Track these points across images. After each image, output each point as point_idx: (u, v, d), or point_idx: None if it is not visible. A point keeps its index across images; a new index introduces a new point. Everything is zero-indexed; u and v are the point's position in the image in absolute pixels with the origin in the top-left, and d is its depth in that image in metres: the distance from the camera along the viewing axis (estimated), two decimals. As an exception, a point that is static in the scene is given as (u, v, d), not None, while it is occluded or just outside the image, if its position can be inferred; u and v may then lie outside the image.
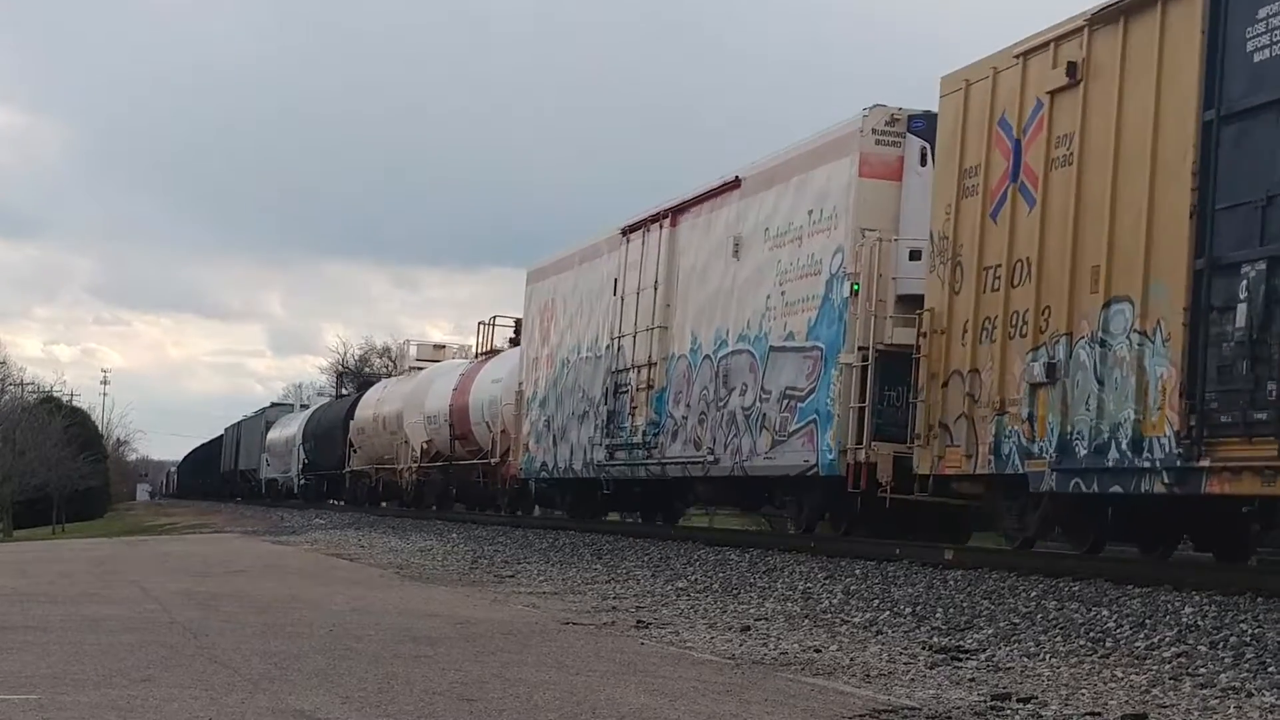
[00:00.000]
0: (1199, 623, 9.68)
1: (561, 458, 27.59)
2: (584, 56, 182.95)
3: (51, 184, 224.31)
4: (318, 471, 57.37)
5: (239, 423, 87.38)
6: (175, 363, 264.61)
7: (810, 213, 18.83)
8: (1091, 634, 9.60)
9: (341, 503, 53.51)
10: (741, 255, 20.68)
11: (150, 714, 6.24)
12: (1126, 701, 7.17)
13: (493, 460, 34.05)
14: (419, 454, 40.78)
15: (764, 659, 8.79)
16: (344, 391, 76.55)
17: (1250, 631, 9.14)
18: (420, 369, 46.31)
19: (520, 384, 30.99)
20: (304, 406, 71.11)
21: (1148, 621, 9.86)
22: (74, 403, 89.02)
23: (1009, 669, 8.33)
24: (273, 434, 69.19)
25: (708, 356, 21.58)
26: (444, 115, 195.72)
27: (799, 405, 18.63)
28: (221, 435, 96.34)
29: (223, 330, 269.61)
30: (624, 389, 24.53)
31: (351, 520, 36.92)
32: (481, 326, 40.94)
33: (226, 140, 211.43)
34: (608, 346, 25.44)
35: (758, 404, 19.77)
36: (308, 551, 22.47)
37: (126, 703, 6.47)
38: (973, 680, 7.90)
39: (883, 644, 9.57)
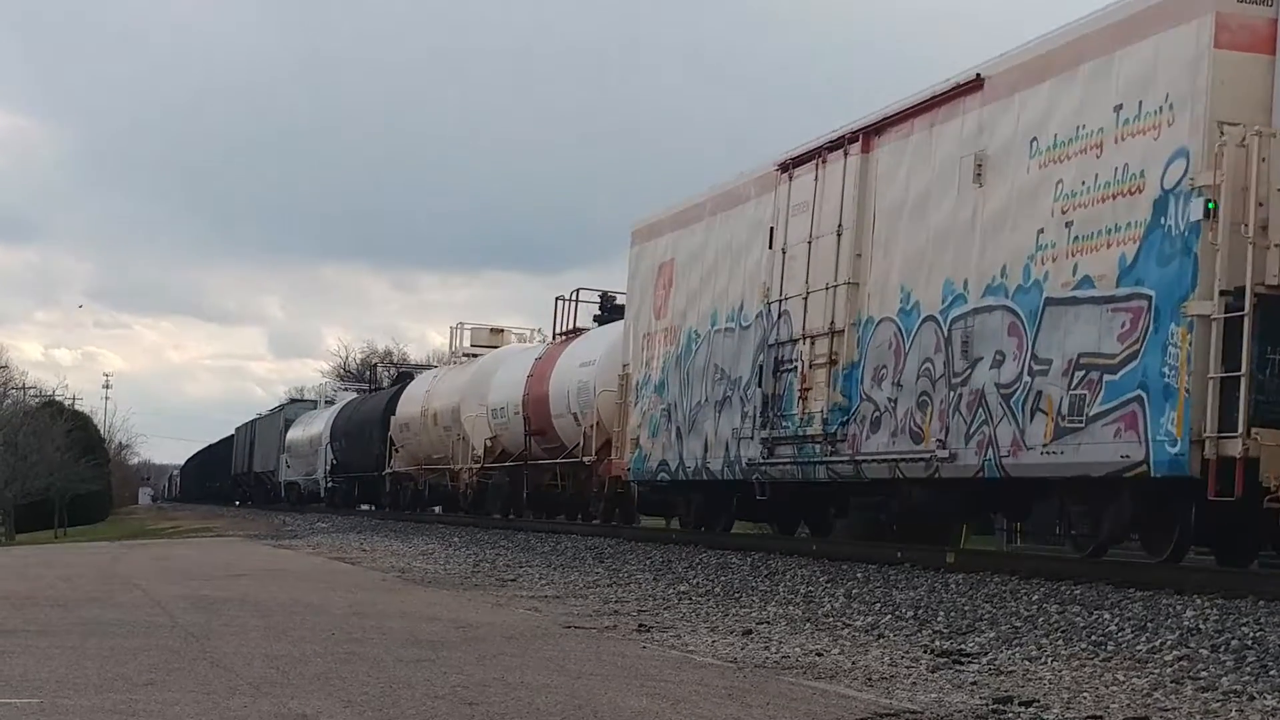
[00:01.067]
0: (1201, 626, 9.67)
1: (690, 455, 22.27)
2: (584, 54, 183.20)
3: (49, 187, 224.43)
4: (348, 474, 52.03)
5: (252, 421, 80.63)
6: (175, 366, 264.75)
7: (1119, 108, 13.78)
8: (1093, 637, 9.60)
9: (376, 508, 48.79)
10: (987, 179, 15.53)
11: (152, 718, 6.24)
12: (1128, 705, 7.17)
13: (585, 459, 29.08)
14: (480, 453, 35.25)
15: (766, 662, 8.79)
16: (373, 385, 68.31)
17: (1252, 635, 9.13)
18: (477, 355, 39.70)
19: (625, 367, 25.76)
20: (329, 402, 64.72)
21: (1149, 625, 9.86)
22: (76, 406, 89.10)
23: (1011, 672, 8.34)
24: (293, 433, 63.38)
25: (931, 318, 16.34)
26: (443, 117, 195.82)
27: (1106, 379, 13.52)
28: (232, 436, 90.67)
29: (222, 333, 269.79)
30: (788, 366, 19.41)
31: (353, 524, 36.92)
32: (561, 303, 34.95)
33: (224, 143, 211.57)
34: (760, 314, 20.32)
35: (1026, 378, 14.59)
36: (310, 556, 22.47)
37: (128, 707, 6.47)
38: (974, 684, 7.90)
39: (884, 647, 9.57)
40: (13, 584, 14.96)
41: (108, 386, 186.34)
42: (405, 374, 53.57)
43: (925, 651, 9.29)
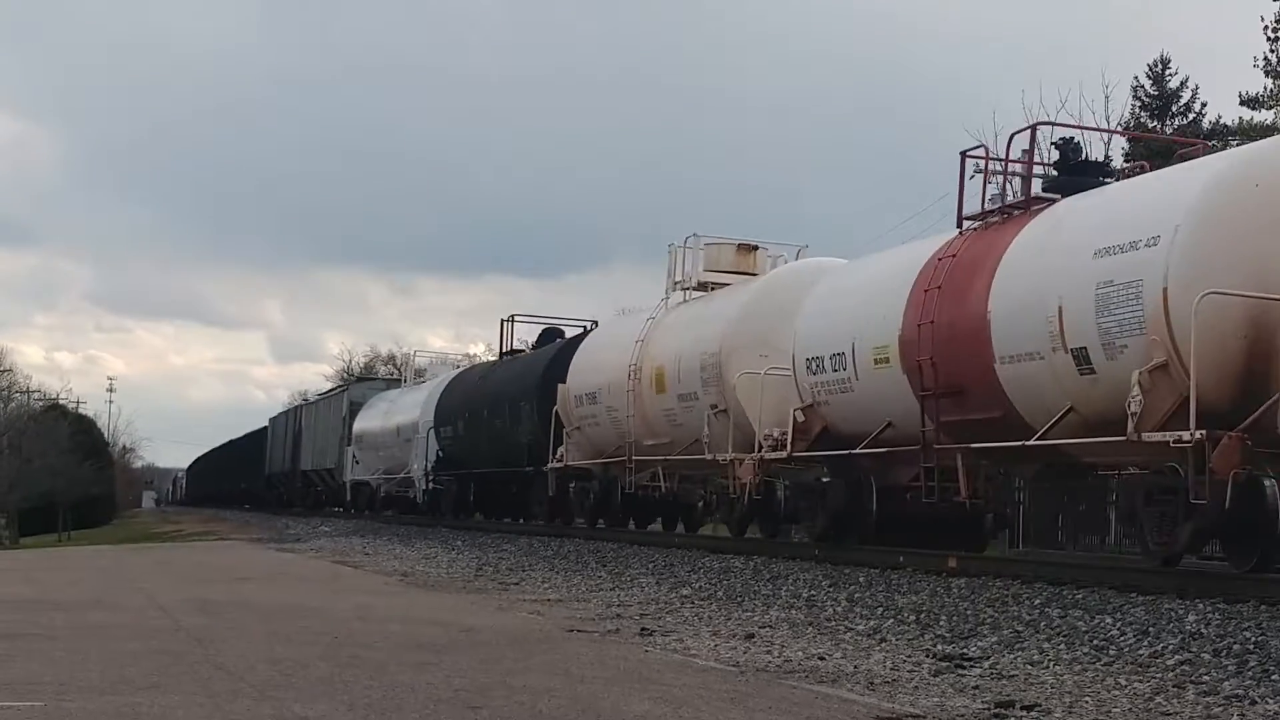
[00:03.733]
0: (1202, 631, 9.67)
1: None
2: (580, 53, 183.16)
3: (50, 191, 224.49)
4: (463, 470, 36.66)
5: (296, 408, 66.81)
6: (178, 370, 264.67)
7: None
8: (1095, 642, 9.60)
9: (523, 519, 34.27)
10: None
11: (156, 721, 6.25)
12: (1130, 709, 7.17)
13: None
14: (781, 434, 20.06)
15: (768, 666, 8.80)
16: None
17: (1254, 640, 9.13)
18: (716, 288, 24.40)
19: None
20: (419, 377, 47.49)
21: (1151, 629, 9.87)
22: (80, 410, 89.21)
23: (1013, 677, 8.34)
24: (364, 420, 47.59)
25: None
26: (443, 122, 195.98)
27: None
28: (263, 429, 75.58)
29: (224, 338, 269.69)
30: None
31: (356, 528, 36.91)
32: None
33: (224, 147, 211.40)
34: None
35: None
36: (313, 559, 22.48)
37: (131, 709, 6.49)
38: (977, 688, 7.91)
39: (887, 652, 9.58)
40: (17, 587, 14.98)
41: (111, 390, 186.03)
42: (553, 330, 36.04)
43: (927, 656, 9.29)
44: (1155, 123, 42.11)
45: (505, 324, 37.66)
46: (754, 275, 23.71)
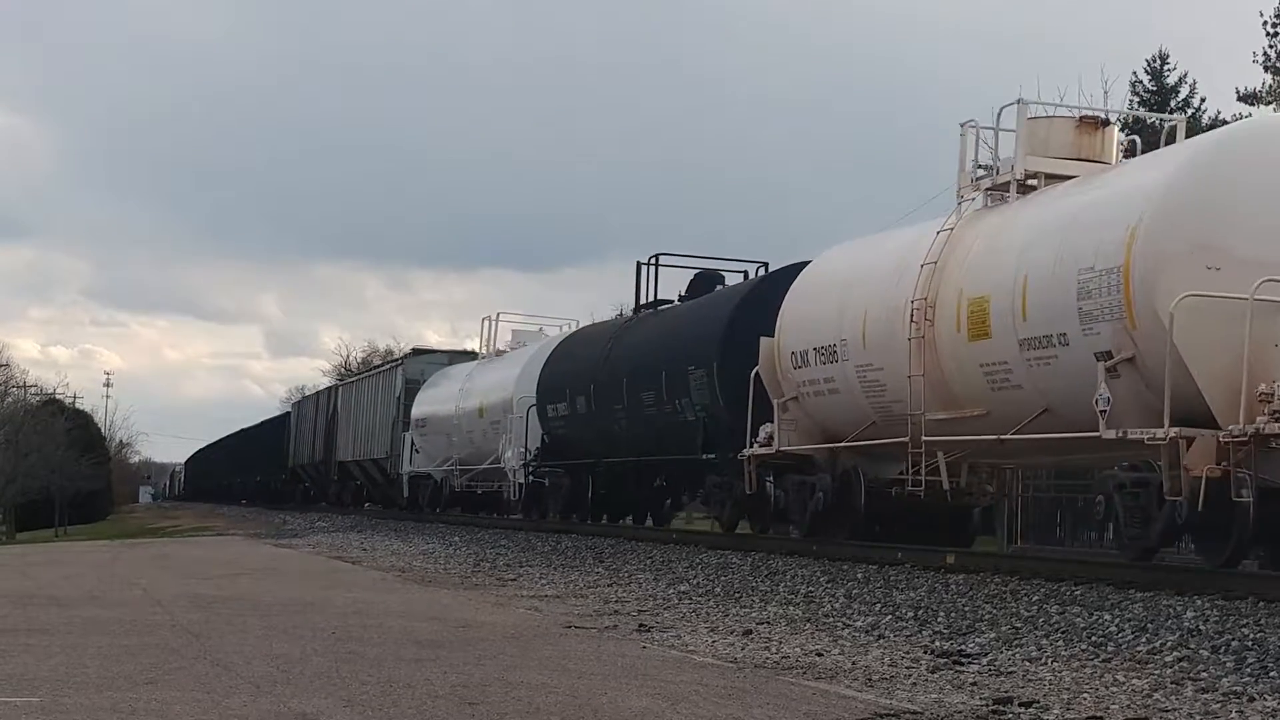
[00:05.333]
0: (1201, 627, 9.67)
1: None
2: (577, 51, 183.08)
3: (44, 185, 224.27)
4: (594, 459, 27.74)
5: (329, 389, 57.59)
6: (173, 365, 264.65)
7: None
8: (1093, 638, 9.60)
9: (714, 527, 24.18)
10: None
11: (152, 717, 6.24)
12: (1128, 706, 7.17)
13: None
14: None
15: (766, 662, 8.79)
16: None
17: (1252, 636, 9.13)
18: (1037, 183, 16.67)
19: None
20: (495, 352, 36.98)
21: (1149, 626, 9.86)
22: (77, 405, 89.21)
23: (1011, 673, 8.34)
24: (428, 401, 39.29)
25: None
26: (437, 116, 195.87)
27: None
28: (282, 415, 70.86)
29: (220, 332, 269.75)
30: None
31: (353, 523, 36.90)
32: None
33: (220, 141, 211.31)
34: None
35: None
36: (310, 555, 22.48)
37: (129, 705, 6.48)
38: (975, 684, 7.90)
39: (885, 648, 9.57)
40: (13, 582, 14.97)
41: (108, 385, 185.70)
42: (710, 275, 27.26)
43: (925, 652, 9.29)
44: (1154, 118, 42.10)
45: (644, 267, 27.69)
46: (1103, 163, 16.49)
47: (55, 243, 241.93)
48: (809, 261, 20.72)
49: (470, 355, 41.46)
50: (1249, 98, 40.59)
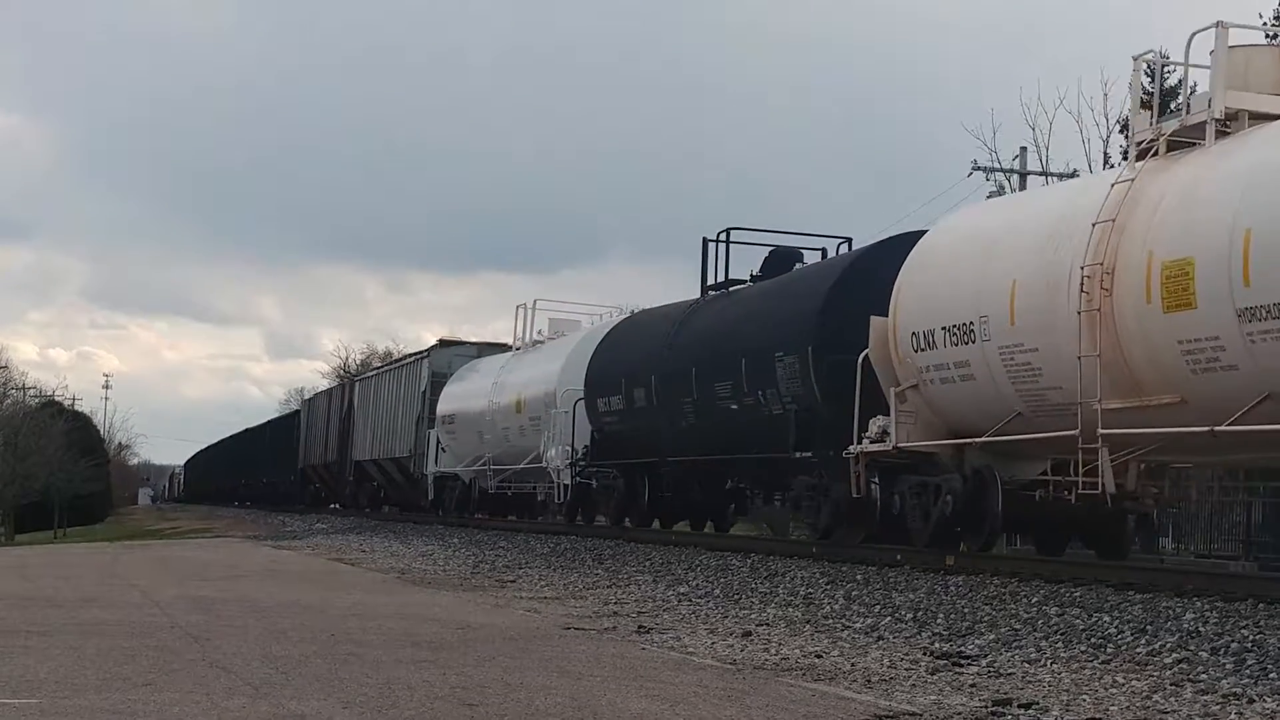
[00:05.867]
0: (1200, 629, 9.67)
1: None
2: (575, 53, 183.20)
3: (42, 187, 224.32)
4: (656, 458, 24.29)
5: (343, 384, 54.12)
6: (172, 367, 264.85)
7: None
8: (1093, 640, 9.60)
9: (827, 540, 19.17)
10: None
11: (152, 719, 6.24)
12: (1128, 707, 7.17)
13: None
14: None
15: (765, 664, 8.79)
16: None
17: (1251, 637, 9.13)
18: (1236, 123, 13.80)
19: None
20: (549, 333, 33.31)
21: (1149, 627, 9.86)
22: (76, 407, 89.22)
23: (1010, 675, 8.34)
24: (455, 396, 35.97)
25: None
26: (436, 118, 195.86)
27: None
28: (296, 411, 65.79)
29: (219, 334, 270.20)
30: None
31: (353, 525, 36.90)
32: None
33: (218, 143, 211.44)
34: None
35: None
36: (309, 556, 22.48)
37: (128, 707, 6.47)
38: (974, 686, 7.90)
39: (884, 649, 9.57)
40: (13, 584, 14.97)
41: (107, 387, 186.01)
42: (788, 253, 24.02)
43: (925, 653, 9.29)
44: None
45: (712, 244, 24.39)
46: None
47: (54, 244, 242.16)
48: (922, 232, 18.23)
49: (502, 347, 37.35)
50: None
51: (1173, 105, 17.60)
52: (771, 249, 23.99)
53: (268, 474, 67.97)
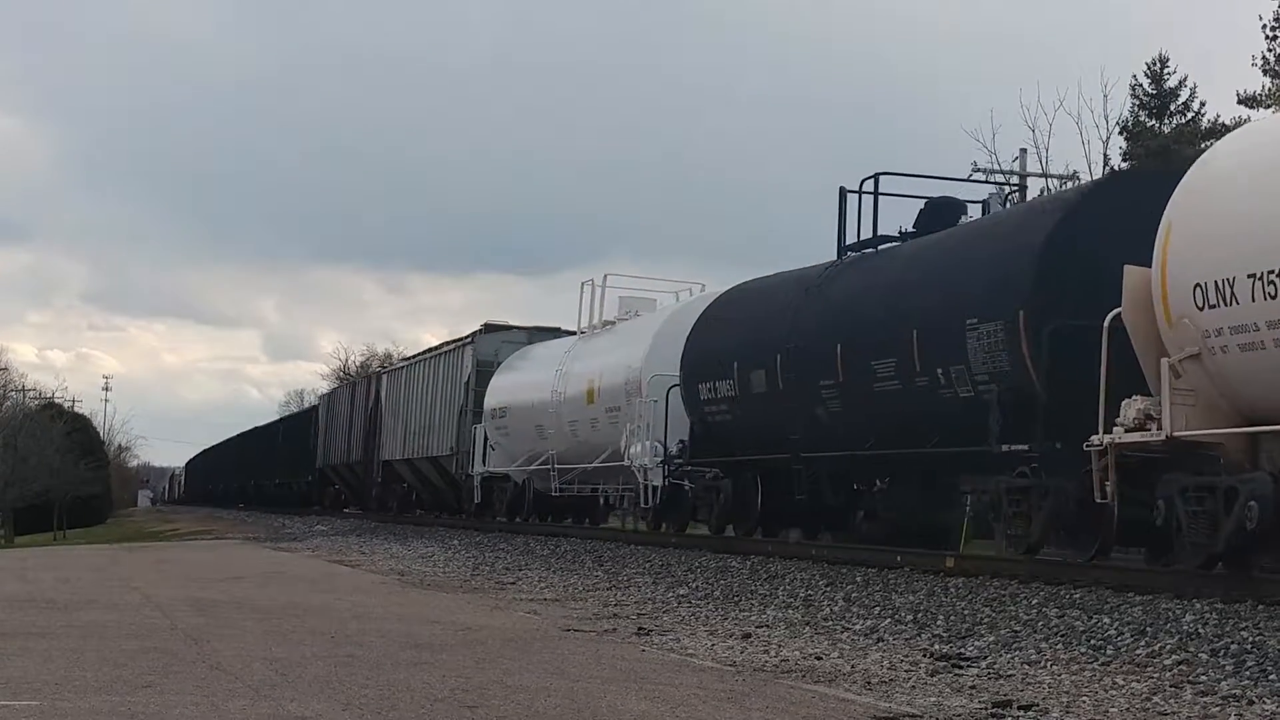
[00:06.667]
0: (1200, 630, 9.67)
1: None
2: (576, 55, 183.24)
3: (42, 189, 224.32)
4: (781, 454, 20.04)
5: (369, 377, 50.28)
6: (171, 369, 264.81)
7: None
8: (1092, 641, 9.60)
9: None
10: None
11: (151, 720, 6.24)
12: (1127, 709, 7.16)
13: None
14: None
15: (765, 666, 8.79)
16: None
17: (1251, 639, 9.13)
18: None
19: None
20: (621, 314, 29.41)
21: (1149, 629, 9.86)
22: (75, 409, 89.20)
23: (1010, 676, 8.33)
24: (507, 387, 32.18)
25: None
26: (434, 120, 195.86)
27: None
28: (314, 408, 61.59)
29: (218, 336, 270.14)
30: None
31: (353, 527, 36.88)
32: None
33: (216, 145, 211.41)
34: None
35: None
36: (309, 558, 22.47)
37: (128, 709, 6.47)
38: (974, 688, 7.90)
39: (884, 651, 9.57)
40: (12, 586, 14.96)
41: (107, 389, 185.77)
42: (949, 203, 19.98)
43: (925, 655, 9.29)
44: (1153, 122, 42.18)
45: (851, 195, 19.85)
46: None
47: (52, 246, 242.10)
48: (1153, 171, 14.63)
49: (554, 332, 34.06)
50: (1249, 100, 40.64)
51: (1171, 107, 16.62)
52: (928, 200, 19.89)
53: (280, 475, 64.36)
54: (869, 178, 19.90)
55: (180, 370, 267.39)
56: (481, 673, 7.98)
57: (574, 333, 31.06)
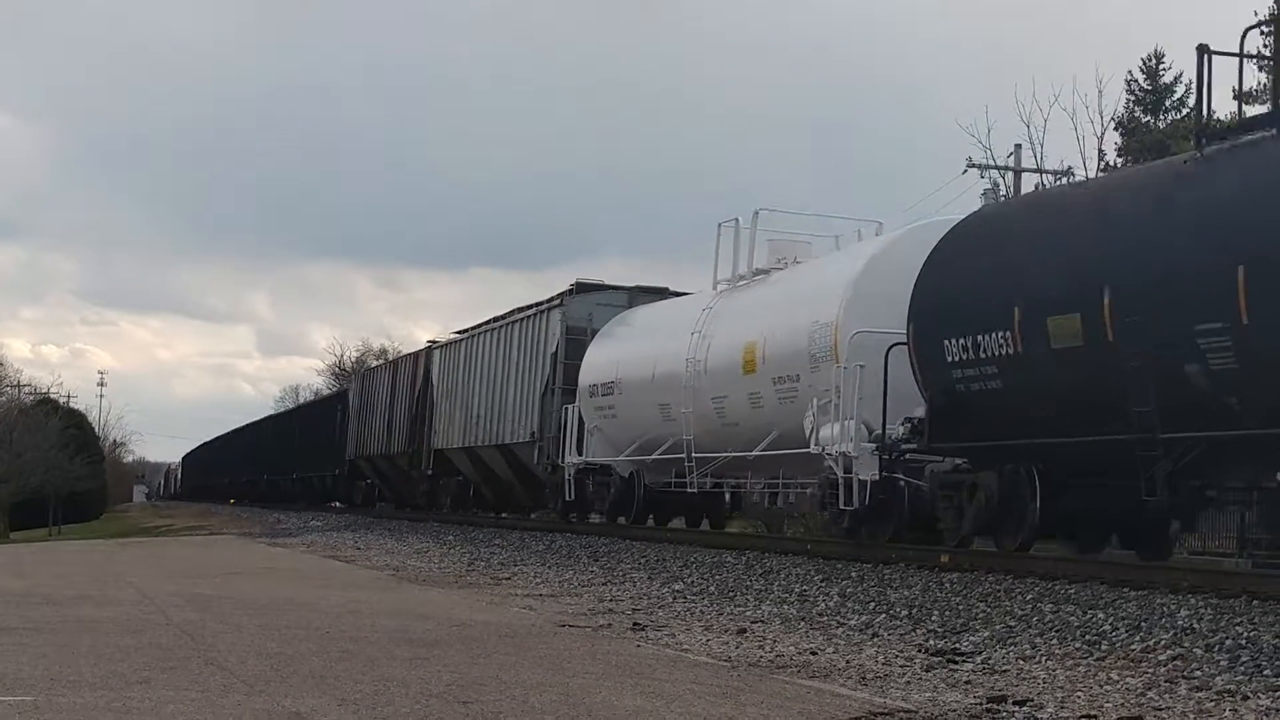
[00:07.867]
0: (1195, 626, 9.68)
1: None
2: (567, 49, 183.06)
3: (35, 185, 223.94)
4: (1153, 439, 12.87)
5: (420, 353, 40.32)
6: (165, 364, 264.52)
7: None
8: (1087, 636, 9.60)
9: None
10: None
11: (147, 716, 6.23)
12: (1122, 704, 7.17)
13: None
14: None
15: (760, 661, 8.79)
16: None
17: (1246, 634, 9.14)
18: None
19: None
20: (771, 261, 22.99)
21: (1143, 624, 9.87)
22: (71, 404, 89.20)
23: (1005, 671, 8.34)
24: (613, 360, 26.11)
25: None
26: (428, 116, 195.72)
27: None
28: (342, 392, 55.97)
29: (210, 331, 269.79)
30: None
31: (348, 522, 36.87)
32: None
33: (209, 141, 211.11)
34: None
35: None
36: (304, 554, 22.46)
37: (123, 704, 6.47)
38: (969, 683, 7.91)
39: (879, 646, 9.58)
40: (7, 581, 14.95)
41: (102, 384, 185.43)
42: None
43: (919, 650, 9.29)
44: (1149, 117, 42.20)
45: (1207, 55, 13.32)
46: None
47: (46, 242, 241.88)
48: None
49: (660, 292, 28.50)
50: (1245, 96, 40.59)
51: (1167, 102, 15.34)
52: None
53: (301, 468, 57.11)
54: (1253, 27, 15.11)
55: (174, 366, 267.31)
56: (476, 668, 7.98)
57: (681, 294, 26.70)
